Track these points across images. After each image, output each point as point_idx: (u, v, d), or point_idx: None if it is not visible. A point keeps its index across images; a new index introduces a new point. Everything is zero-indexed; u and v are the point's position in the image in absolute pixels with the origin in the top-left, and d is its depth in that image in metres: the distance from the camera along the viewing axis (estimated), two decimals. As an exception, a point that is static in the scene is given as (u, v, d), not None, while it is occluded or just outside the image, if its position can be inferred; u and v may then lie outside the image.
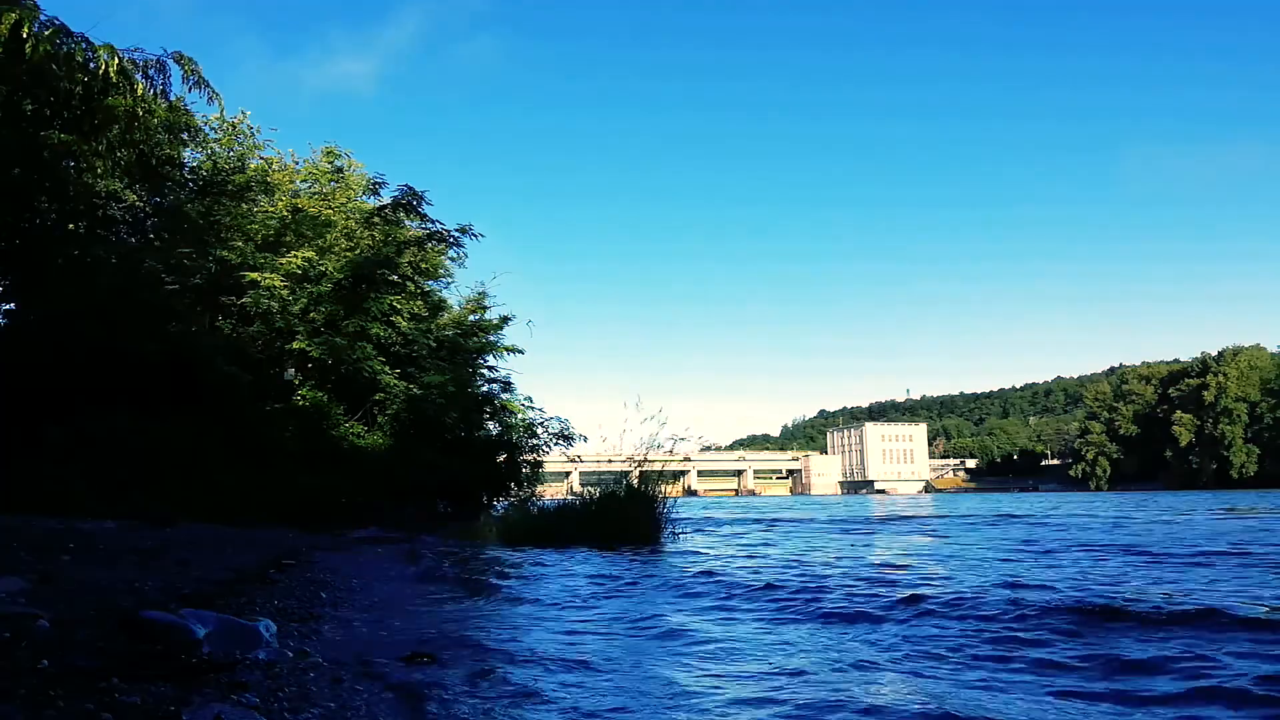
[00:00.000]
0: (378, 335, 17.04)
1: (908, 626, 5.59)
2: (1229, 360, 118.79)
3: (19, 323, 12.87)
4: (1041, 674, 4.24)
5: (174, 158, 15.62)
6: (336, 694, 3.41)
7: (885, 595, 6.83)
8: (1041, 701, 3.71)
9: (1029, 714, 3.50)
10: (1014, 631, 5.23)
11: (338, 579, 7.32)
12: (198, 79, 12.74)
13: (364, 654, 4.23)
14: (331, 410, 16.31)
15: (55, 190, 12.48)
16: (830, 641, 5.21)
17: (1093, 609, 5.79)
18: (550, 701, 3.67)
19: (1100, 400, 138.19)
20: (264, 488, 13.13)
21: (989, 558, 10.87)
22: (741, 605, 6.77)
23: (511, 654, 4.61)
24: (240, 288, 16.30)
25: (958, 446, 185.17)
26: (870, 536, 16.62)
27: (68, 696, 2.72)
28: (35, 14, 10.82)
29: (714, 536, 16.89)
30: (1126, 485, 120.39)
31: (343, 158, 20.37)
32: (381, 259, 17.87)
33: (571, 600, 7.08)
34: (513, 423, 21.30)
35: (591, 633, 5.49)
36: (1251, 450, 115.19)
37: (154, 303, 13.62)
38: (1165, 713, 3.54)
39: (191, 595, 4.85)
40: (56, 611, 3.74)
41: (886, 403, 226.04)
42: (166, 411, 12.48)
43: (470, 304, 21.40)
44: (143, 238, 15.25)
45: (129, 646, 3.46)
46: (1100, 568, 9.43)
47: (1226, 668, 4.19)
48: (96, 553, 6.19)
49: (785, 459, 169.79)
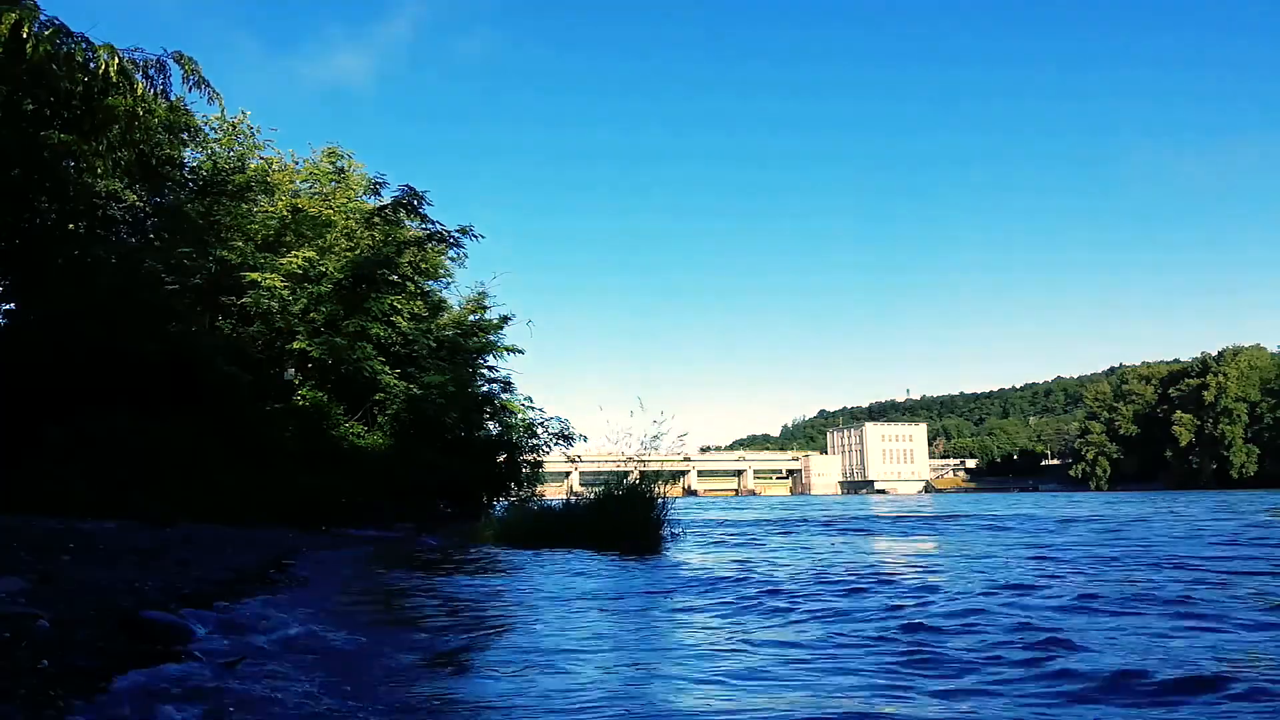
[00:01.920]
0: (378, 335, 17.03)
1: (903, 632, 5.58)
2: (1229, 360, 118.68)
3: (19, 323, 12.86)
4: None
5: (174, 158, 15.62)
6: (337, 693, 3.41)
7: (877, 604, 6.83)
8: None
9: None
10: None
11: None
12: (198, 79, 12.73)
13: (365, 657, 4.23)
14: (331, 410, 16.30)
15: (55, 190, 12.47)
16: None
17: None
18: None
19: (1100, 400, 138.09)
20: (264, 488, 13.13)
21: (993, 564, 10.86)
22: (751, 621, 6.07)
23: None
24: (240, 288, 16.30)
25: (958, 446, 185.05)
26: (867, 538, 16.63)
27: (68, 696, 2.72)
28: (35, 14, 10.81)
29: (715, 537, 16.88)
30: (1126, 485, 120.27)
31: (344, 158, 20.37)
32: (382, 259, 17.87)
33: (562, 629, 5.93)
34: (513, 423, 21.31)
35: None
36: (1251, 450, 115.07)
37: (154, 303, 13.61)
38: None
39: (191, 595, 4.86)
40: (56, 611, 3.74)
41: (886, 403, 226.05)
42: (166, 411, 12.47)
43: (470, 304, 21.41)
44: (143, 238, 15.25)
45: (129, 646, 3.46)
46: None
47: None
48: (96, 553, 6.19)
49: (785, 459, 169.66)
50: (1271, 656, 4.57)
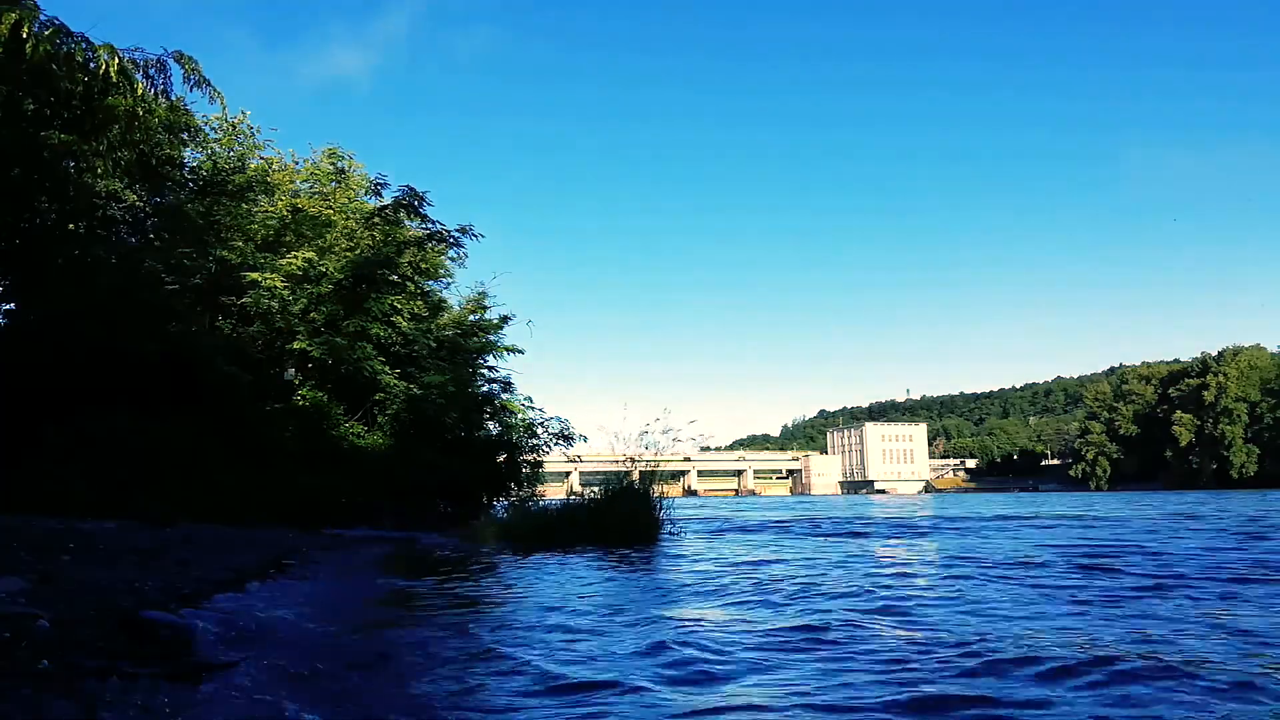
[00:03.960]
0: (378, 335, 17.03)
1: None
2: (1229, 360, 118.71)
3: (19, 323, 12.86)
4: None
5: (174, 158, 15.61)
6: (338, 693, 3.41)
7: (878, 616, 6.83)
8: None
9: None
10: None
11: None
12: (198, 79, 12.70)
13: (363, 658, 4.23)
14: (331, 410, 16.30)
15: (55, 190, 12.47)
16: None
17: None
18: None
19: (1100, 400, 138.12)
20: (264, 488, 13.12)
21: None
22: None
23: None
24: (240, 288, 16.30)
25: (958, 446, 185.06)
26: (863, 539, 16.62)
27: (68, 696, 2.72)
28: (35, 14, 10.80)
29: (715, 539, 16.88)
30: (1126, 485, 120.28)
31: (345, 159, 20.37)
32: (382, 259, 17.87)
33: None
34: (513, 423, 21.29)
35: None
36: (1251, 450, 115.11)
37: (154, 303, 13.61)
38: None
39: (191, 595, 4.86)
40: (56, 611, 3.74)
41: (886, 403, 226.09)
42: (166, 411, 12.47)
43: (470, 304, 21.40)
44: (143, 238, 15.24)
45: (129, 646, 3.46)
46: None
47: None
48: (96, 553, 6.18)
49: (785, 459, 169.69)
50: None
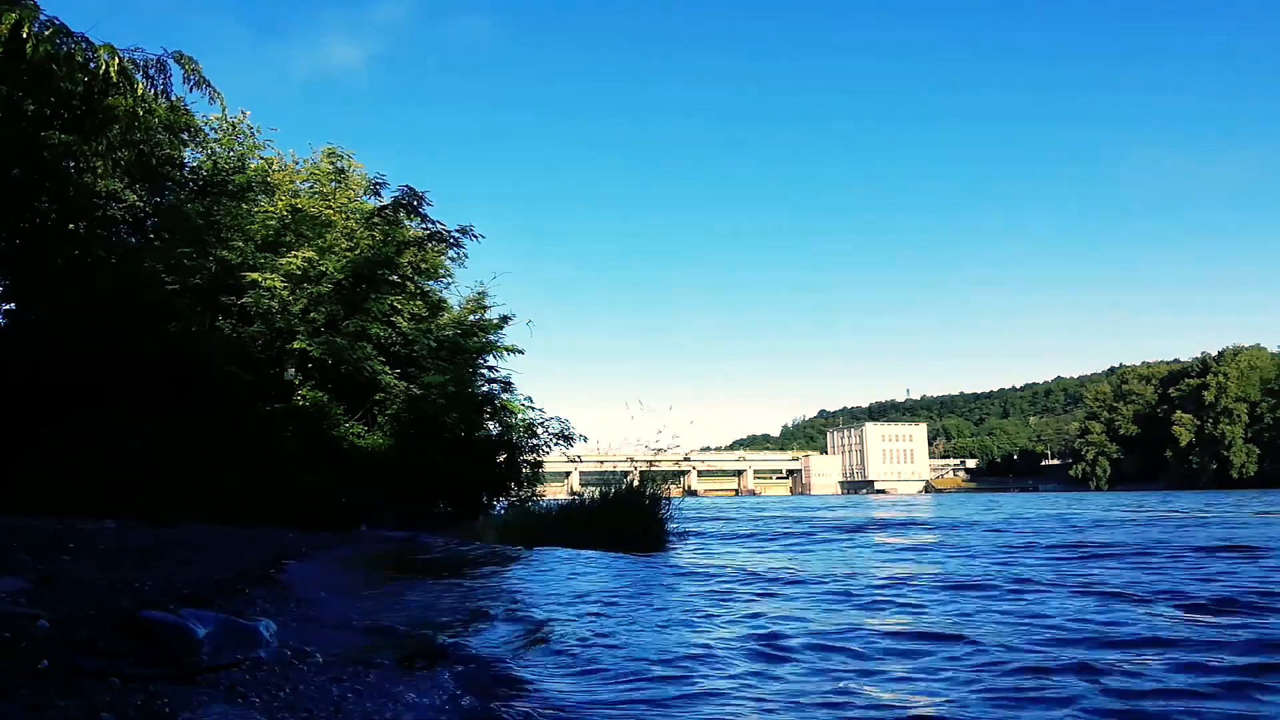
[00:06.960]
0: (378, 335, 17.03)
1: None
2: (1229, 360, 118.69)
3: (19, 323, 12.86)
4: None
5: (174, 158, 15.60)
6: (338, 694, 3.40)
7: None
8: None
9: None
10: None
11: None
12: (198, 79, 12.69)
13: (363, 655, 4.23)
14: (332, 410, 16.29)
15: (55, 190, 12.46)
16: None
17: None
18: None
19: (1100, 400, 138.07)
20: (264, 487, 13.11)
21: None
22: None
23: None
24: (240, 288, 16.29)
25: (958, 446, 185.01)
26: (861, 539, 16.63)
27: (68, 696, 2.72)
28: (35, 14, 10.79)
29: (715, 539, 16.88)
30: (1127, 485, 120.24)
31: (344, 159, 20.36)
32: (382, 259, 17.87)
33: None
34: (513, 423, 21.28)
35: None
36: (1251, 450, 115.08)
37: (154, 303, 13.59)
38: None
39: (191, 595, 4.85)
40: (56, 611, 3.74)
41: (886, 403, 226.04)
42: (167, 411, 12.46)
43: (470, 304, 21.40)
44: (143, 238, 15.23)
45: (129, 646, 3.45)
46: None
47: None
48: (96, 553, 6.18)
49: (785, 459, 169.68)
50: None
